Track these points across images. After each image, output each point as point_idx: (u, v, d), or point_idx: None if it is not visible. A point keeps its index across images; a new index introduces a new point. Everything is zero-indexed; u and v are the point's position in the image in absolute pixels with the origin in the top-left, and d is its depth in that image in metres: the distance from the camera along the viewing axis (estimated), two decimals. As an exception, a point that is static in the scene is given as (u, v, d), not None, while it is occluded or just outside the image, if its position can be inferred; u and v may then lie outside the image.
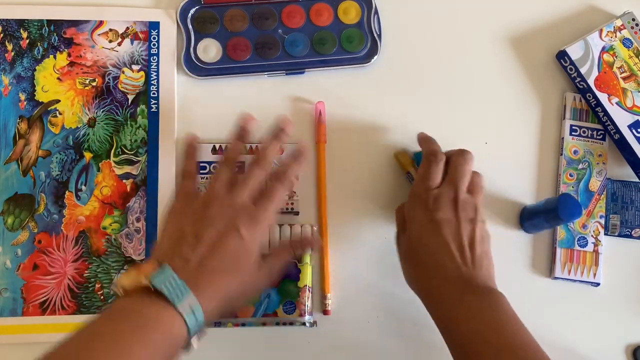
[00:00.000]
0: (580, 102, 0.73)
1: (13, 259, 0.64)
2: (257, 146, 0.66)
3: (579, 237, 0.70)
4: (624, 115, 0.70)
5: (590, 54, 0.71)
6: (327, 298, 0.66)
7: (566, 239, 0.70)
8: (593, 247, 0.70)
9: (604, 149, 0.72)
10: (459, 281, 0.57)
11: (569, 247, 0.70)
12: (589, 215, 0.71)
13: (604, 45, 0.72)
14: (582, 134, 0.72)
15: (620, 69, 0.71)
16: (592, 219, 0.70)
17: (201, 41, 0.70)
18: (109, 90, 0.68)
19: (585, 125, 0.72)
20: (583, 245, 0.70)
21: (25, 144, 0.66)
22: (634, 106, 0.71)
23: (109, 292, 0.64)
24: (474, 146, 0.63)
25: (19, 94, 0.67)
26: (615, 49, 0.72)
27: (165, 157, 0.67)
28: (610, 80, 0.71)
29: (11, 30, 0.68)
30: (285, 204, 0.67)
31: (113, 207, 0.66)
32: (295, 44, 0.71)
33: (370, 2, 0.72)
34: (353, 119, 0.71)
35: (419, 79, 0.72)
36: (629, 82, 0.71)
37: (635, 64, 0.72)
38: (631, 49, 0.72)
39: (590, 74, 0.71)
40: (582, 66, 0.71)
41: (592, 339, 0.62)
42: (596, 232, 0.70)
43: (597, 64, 0.71)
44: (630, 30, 0.72)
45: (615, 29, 0.72)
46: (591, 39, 0.72)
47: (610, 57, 0.72)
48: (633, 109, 0.71)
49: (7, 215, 0.65)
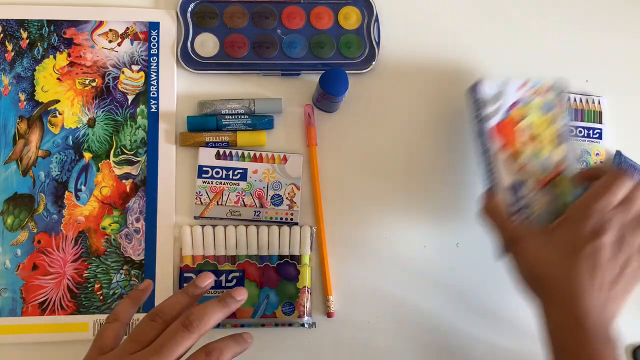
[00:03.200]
0: (574, 102, 0.72)
1: (12, 259, 0.64)
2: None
3: None
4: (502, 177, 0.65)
5: (502, 98, 0.66)
6: (329, 300, 0.67)
7: None
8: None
9: (601, 148, 0.72)
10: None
11: None
12: None
13: (520, 98, 0.66)
14: (578, 134, 0.72)
15: (525, 129, 0.65)
16: None
17: (199, 35, 0.70)
18: (109, 90, 0.68)
19: (581, 125, 0.72)
20: None
21: (25, 144, 0.66)
22: (520, 169, 0.64)
23: (108, 293, 0.64)
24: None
25: (19, 94, 0.67)
26: (530, 107, 0.66)
27: (165, 158, 0.67)
28: (509, 133, 0.65)
29: (11, 30, 0.68)
30: (285, 213, 0.67)
31: (112, 208, 0.66)
32: (293, 45, 0.71)
33: (371, 9, 0.72)
34: (347, 125, 0.71)
35: (415, 88, 0.72)
36: (528, 145, 0.65)
37: (543, 130, 0.65)
38: (547, 115, 0.66)
39: (492, 116, 0.65)
40: (488, 106, 0.65)
41: None
42: None
43: (504, 110, 0.65)
44: (555, 97, 0.66)
45: (542, 88, 0.66)
46: (510, 86, 0.66)
47: (520, 113, 0.65)
48: (519, 171, 0.64)
49: (6, 215, 0.65)
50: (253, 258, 0.66)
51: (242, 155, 0.68)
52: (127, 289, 0.65)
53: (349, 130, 0.71)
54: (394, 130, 0.71)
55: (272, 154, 0.68)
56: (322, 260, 0.67)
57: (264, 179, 0.68)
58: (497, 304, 0.68)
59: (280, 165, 0.68)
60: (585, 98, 0.73)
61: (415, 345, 0.67)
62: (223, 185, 0.67)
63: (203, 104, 0.68)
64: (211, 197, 0.67)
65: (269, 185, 0.67)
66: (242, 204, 0.67)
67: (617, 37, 0.76)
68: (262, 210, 0.67)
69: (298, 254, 0.67)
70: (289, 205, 0.67)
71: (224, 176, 0.67)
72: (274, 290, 0.66)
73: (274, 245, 0.67)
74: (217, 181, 0.67)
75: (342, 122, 0.71)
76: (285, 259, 0.66)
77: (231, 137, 0.68)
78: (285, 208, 0.67)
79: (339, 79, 0.63)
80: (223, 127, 0.68)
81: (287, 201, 0.67)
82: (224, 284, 0.65)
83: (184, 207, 0.67)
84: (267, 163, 0.68)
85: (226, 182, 0.67)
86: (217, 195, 0.67)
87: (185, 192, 0.68)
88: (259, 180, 0.67)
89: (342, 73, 0.64)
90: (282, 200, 0.67)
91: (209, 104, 0.68)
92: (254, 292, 0.65)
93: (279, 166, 0.68)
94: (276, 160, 0.68)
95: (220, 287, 0.65)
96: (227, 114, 0.68)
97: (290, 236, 0.67)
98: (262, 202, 0.67)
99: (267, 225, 0.67)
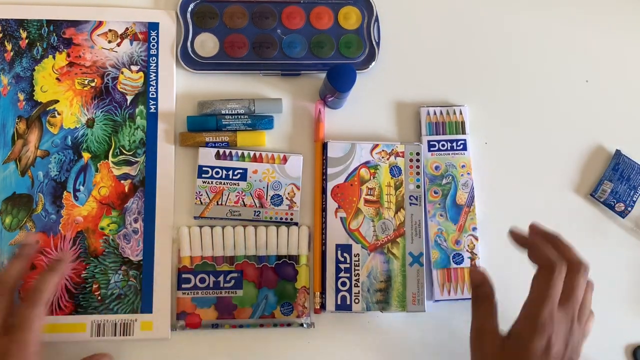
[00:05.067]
0: (435, 115, 0.70)
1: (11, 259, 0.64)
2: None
3: (454, 254, 0.68)
4: (341, 234, 0.66)
5: (350, 160, 0.67)
6: (316, 296, 0.66)
7: (440, 259, 0.67)
8: (470, 262, 0.68)
9: (467, 159, 0.69)
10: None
11: (444, 266, 0.67)
12: (460, 230, 0.68)
13: (369, 160, 0.67)
14: (441, 148, 0.69)
15: (370, 190, 0.66)
16: (465, 233, 0.68)
17: (199, 35, 0.70)
18: (108, 90, 0.68)
19: (443, 138, 0.70)
20: (459, 262, 0.68)
21: (23, 143, 0.66)
22: (355, 230, 0.66)
23: (106, 293, 0.64)
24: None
25: (18, 94, 0.67)
26: (378, 169, 0.67)
27: (164, 158, 0.67)
28: (351, 195, 0.66)
29: (10, 30, 0.68)
30: (285, 213, 0.67)
31: (111, 208, 0.66)
32: (293, 45, 0.71)
33: (371, 9, 0.72)
34: (346, 124, 0.71)
35: (415, 88, 0.72)
36: (370, 207, 0.66)
37: (387, 194, 0.66)
38: (395, 178, 0.67)
39: (335, 176, 0.67)
40: (333, 166, 0.67)
41: (592, 339, 0.61)
42: (470, 245, 0.68)
43: (349, 172, 0.67)
44: (407, 161, 0.67)
45: (393, 152, 0.67)
46: (360, 147, 0.67)
47: (367, 174, 0.67)
48: (353, 232, 0.66)
49: (5, 215, 0.65)
50: (251, 258, 0.66)
51: (242, 155, 0.67)
52: (125, 290, 0.64)
53: (351, 128, 0.71)
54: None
55: (272, 154, 0.68)
56: (315, 258, 0.67)
57: (264, 179, 0.67)
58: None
59: (280, 165, 0.68)
60: (446, 109, 0.70)
61: (415, 343, 0.67)
62: (223, 186, 0.67)
63: (203, 104, 0.68)
64: (211, 197, 0.67)
65: (269, 185, 0.67)
66: (242, 204, 0.67)
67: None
68: (262, 210, 0.67)
69: (296, 254, 0.66)
70: (288, 205, 0.67)
71: (224, 176, 0.67)
72: (272, 291, 0.65)
73: (272, 246, 0.66)
74: (217, 181, 0.67)
75: (342, 120, 0.71)
76: (284, 259, 0.66)
77: (231, 137, 0.67)
78: (285, 208, 0.67)
79: (347, 75, 0.63)
80: (223, 127, 0.68)
81: (287, 201, 0.67)
82: (222, 285, 0.65)
83: (183, 207, 0.67)
84: (267, 163, 0.68)
85: (226, 182, 0.67)
86: (217, 195, 0.67)
87: (185, 192, 0.67)
88: (258, 180, 0.67)
89: (350, 69, 0.63)
90: (282, 200, 0.67)
91: (208, 104, 0.68)
92: (253, 293, 0.65)
93: (278, 166, 0.68)
94: (276, 160, 0.68)
95: (219, 287, 0.65)
96: (227, 114, 0.68)
97: (289, 236, 0.67)
98: (262, 202, 0.67)
99: (266, 225, 0.67)
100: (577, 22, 0.75)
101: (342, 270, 0.65)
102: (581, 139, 0.73)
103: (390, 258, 0.66)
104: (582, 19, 0.76)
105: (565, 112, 0.73)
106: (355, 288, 0.65)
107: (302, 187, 0.68)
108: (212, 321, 0.64)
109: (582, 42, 0.75)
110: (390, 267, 0.65)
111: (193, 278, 0.65)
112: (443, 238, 0.68)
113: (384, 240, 0.66)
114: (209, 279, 0.65)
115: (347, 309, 0.65)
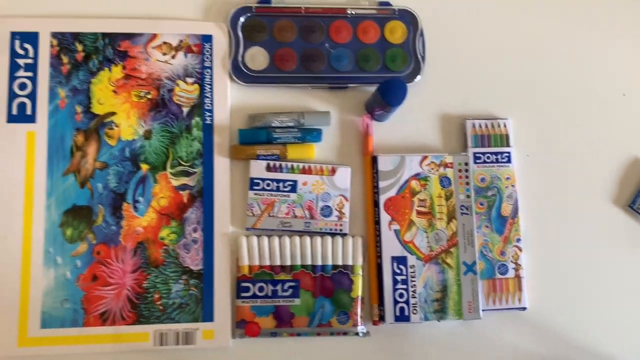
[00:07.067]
0: (480, 128, 0.72)
1: (73, 270, 0.65)
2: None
3: (499, 264, 0.69)
4: (395, 246, 0.67)
5: (400, 173, 0.69)
6: (374, 308, 0.68)
7: (486, 270, 0.69)
8: (514, 273, 0.69)
9: (511, 171, 0.71)
10: None
11: (489, 277, 0.69)
12: (505, 241, 0.70)
13: (419, 172, 0.68)
14: (486, 160, 0.71)
15: (422, 202, 0.68)
16: (509, 244, 0.70)
17: (249, 49, 0.71)
18: (164, 102, 0.69)
19: (488, 150, 0.71)
20: (504, 272, 0.69)
21: (82, 156, 0.67)
22: (409, 242, 0.67)
23: (167, 302, 0.65)
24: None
25: (75, 107, 0.67)
26: (429, 181, 0.68)
27: (220, 169, 0.68)
28: (403, 207, 0.68)
29: (66, 43, 0.68)
30: (335, 224, 0.68)
31: (170, 218, 0.67)
32: (340, 58, 0.72)
33: (416, 24, 0.74)
34: (392, 137, 0.72)
35: (459, 100, 0.74)
36: (422, 218, 0.68)
37: (439, 205, 0.68)
38: (445, 189, 0.68)
39: (387, 189, 0.68)
40: (384, 179, 0.68)
41: (632, 355, 0.62)
42: (515, 256, 0.70)
43: (400, 185, 0.68)
44: (456, 172, 0.69)
45: (442, 163, 0.69)
46: (410, 160, 0.69)
47: (417, 186, 0.68)
48: (407, 244, 0.67)
49: (66, 226, 0.65)
50: (308, 268, 0.67)
51: (291, 167, 0.69)
52: (187, 299, 0.65)
53: (398, 140, 0.72)
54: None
55: (321, 166, 0.69)
56: (370, 271, 0.69)
57: (313, 191, 0.69)
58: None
59: (328, 176, 0.69)
60: (491, 122, 0.72)
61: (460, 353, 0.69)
62: (274, 197, 0.68)
63: (254, 117, 0.69)
64: (263, 209, 0.68)
65: (318, 197, 0.69)
66: (293, 215, 0.68)
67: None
68: (312, 221, 0.68)
69: (351, 264, 0.68)
70: (337, 216, 0.69)
71: (275, 188, 0.68)
72: (329, 300, 0.67)
73: (327, 256, 0.68)
74: (268, 193, 0.68)
75: (389, 133, 0.72)
76: (339, 269, 0.68)
77: (281, 150, 0.69)
78: (335, 219, 0.69)
79: (398, 89, 0.65)
80: (273, 140, 0.69)
81: (336, 212, 0.69)
82: (280, 294, 0.66)
83: (236, 219, 0.68)
84: (316, 175, 0.69)
85: (277, 194, 0.68)
86: (268, 207, 0.68)
87: (237, 204, 0.69)
88: (308, 192, 0.69)
89: (401, 83, 0.65)
90: (331, 211, 0.69)
91: (259, 117, 0.69)
92: (310, 302, 0.67)
93: (327, 178, 0.69)
94: (324, 172, 0.69)
95: (277, 296, 0.66)
96: (277, 127, 0.69)
97: (343, 246, 0.68)
98: (312, 213, 0.68)
99: (320, 235, 0.68)
100: (615, 37, 0.78)
101: (399, 282, 0.67)
102: (619, 151, 0.76)
103: (445, 268, 0.68)
104: (619, 34, 0.78)
105: (604, 124, 0.76)
106: (413, 299, 0.67)
107: (351, 198, 0.70)
108: (270, 329, 0.66)
109: (619, 57, 0.78)
110: (445, 277, 0.67)
111: (252, 287, 0.66)
112: (488, 249, 0.70)
113: (438, 251, 0.68)
114: (267, 288, 0.66)
115: (405, 320, 0.66)
